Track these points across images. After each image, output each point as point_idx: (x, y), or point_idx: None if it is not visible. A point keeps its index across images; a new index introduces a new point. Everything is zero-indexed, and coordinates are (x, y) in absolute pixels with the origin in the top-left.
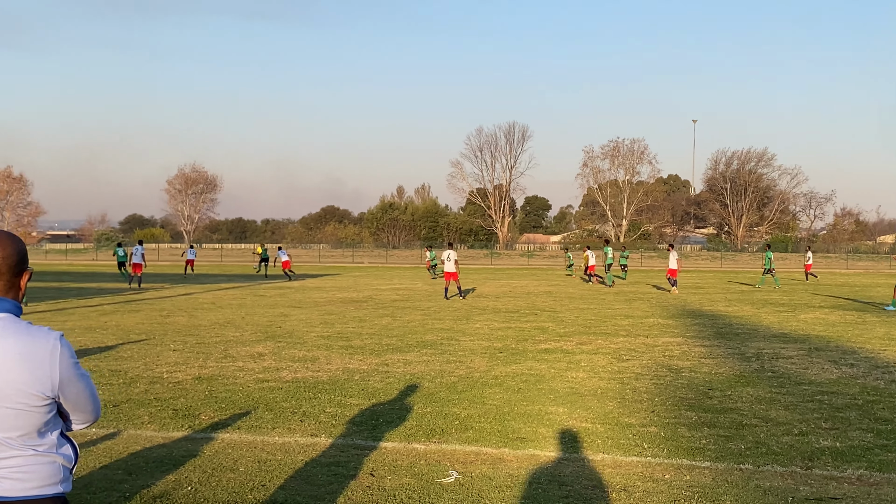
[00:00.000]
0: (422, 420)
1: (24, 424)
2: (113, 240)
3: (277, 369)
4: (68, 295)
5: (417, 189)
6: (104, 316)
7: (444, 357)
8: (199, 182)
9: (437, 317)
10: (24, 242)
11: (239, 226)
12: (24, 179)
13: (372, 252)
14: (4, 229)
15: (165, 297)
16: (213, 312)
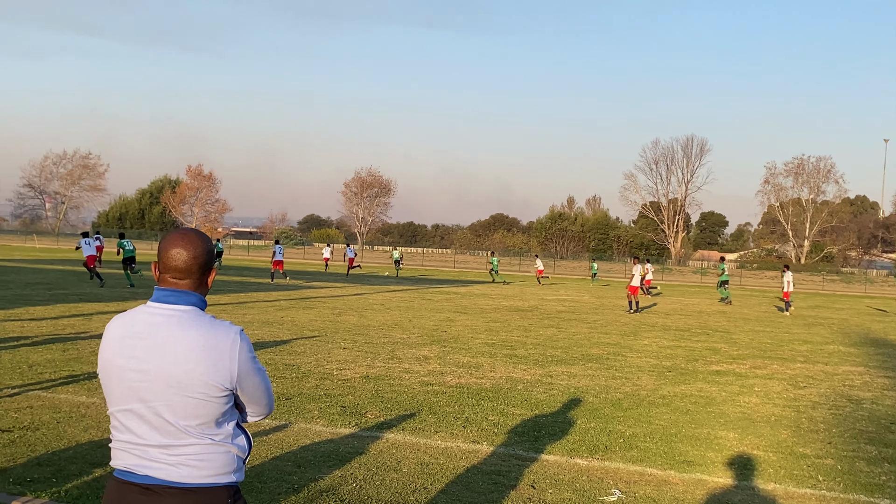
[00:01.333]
0: (585, 435)
1: (203, 413)
2: (292, 238)
3: (442, 373)
4: (248, 289)
5: (588, 200)
6: (280, 311)
7: (609, 372)
8: (374, 185)
9: (603, 331)
10: (211, 241)
11: (410, 230)
12: (213, 177)
13: (591, 265)
14: (193, 226)
15: (338, 297)
16: (381, 314)
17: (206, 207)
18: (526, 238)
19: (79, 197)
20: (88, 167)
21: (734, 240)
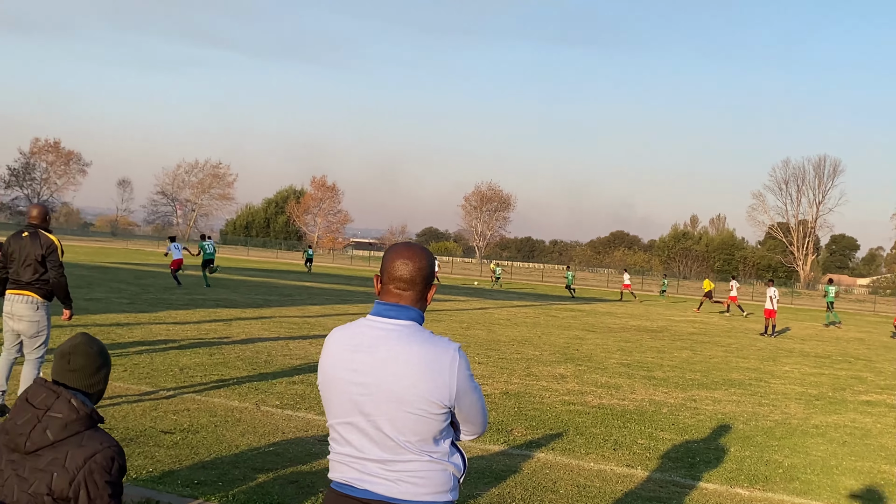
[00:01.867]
0: (741, 464)
1: (422, 430)
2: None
3: (581, 393)
4: (373, 299)
5: (712, 219)
6: None
7: (754, 399)
8: (494, 200)
9: (740, 354)
10: (433, 257)
11: (527, 245)
12: (336, 188)
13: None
14: (315, 237)
15: (462, 310)
16: (509, 329)
17: (328, 218)
18: (647, 256)
19: (208, 205)
20: (218, 176)
21: (865, 264)
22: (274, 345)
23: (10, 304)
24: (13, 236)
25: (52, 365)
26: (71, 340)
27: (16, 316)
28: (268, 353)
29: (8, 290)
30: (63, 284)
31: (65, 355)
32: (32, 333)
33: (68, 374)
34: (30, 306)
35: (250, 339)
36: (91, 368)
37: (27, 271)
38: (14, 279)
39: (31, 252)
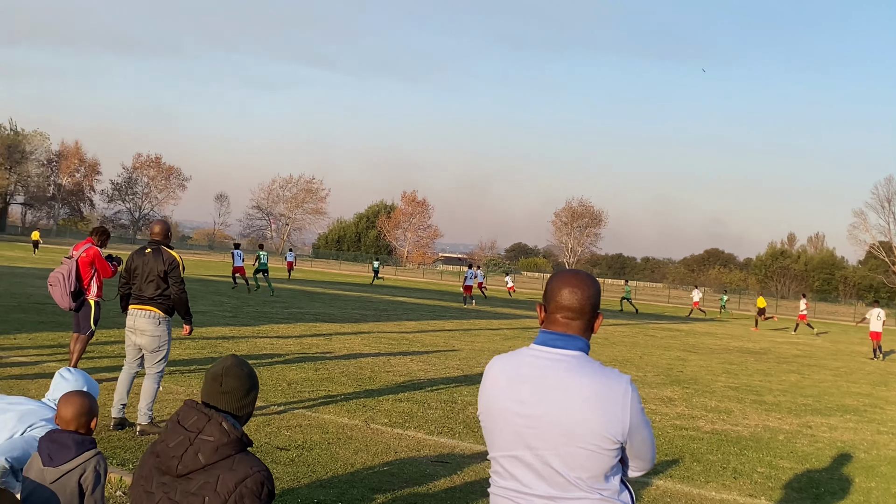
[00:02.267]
0: (868, 495)
1: (592, 466)
2: (500, 266)
3: (692, 417)
4: (469, 315)
5: (811, 238)
6: (507, 341)
7: (872, 426)
8: (585, 216)
9: (849, 379)
10: (599, 284)
11: (618, 262)
12: (426, 203)
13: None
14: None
15: None
16: (608, 348)
17: (418, 233)
18: (744, 275)
19: (301, 219)
20: (311, 191)
21: None
22: (376, 361)
23: (133, 319)
24: (136, 253)
25: (201, 386)
26: (222, 362)
27: (138, 330)
28: (371, 370)
29: (130, 305)
30: (184, 300)
31: (216, 377)
32: (153, 348)
33: (220, 396)
34: (151, 321)
35: (352, 354)
36: (242, 391)
37: (149, 287)
38: (136, 295)
39: (154, 268)
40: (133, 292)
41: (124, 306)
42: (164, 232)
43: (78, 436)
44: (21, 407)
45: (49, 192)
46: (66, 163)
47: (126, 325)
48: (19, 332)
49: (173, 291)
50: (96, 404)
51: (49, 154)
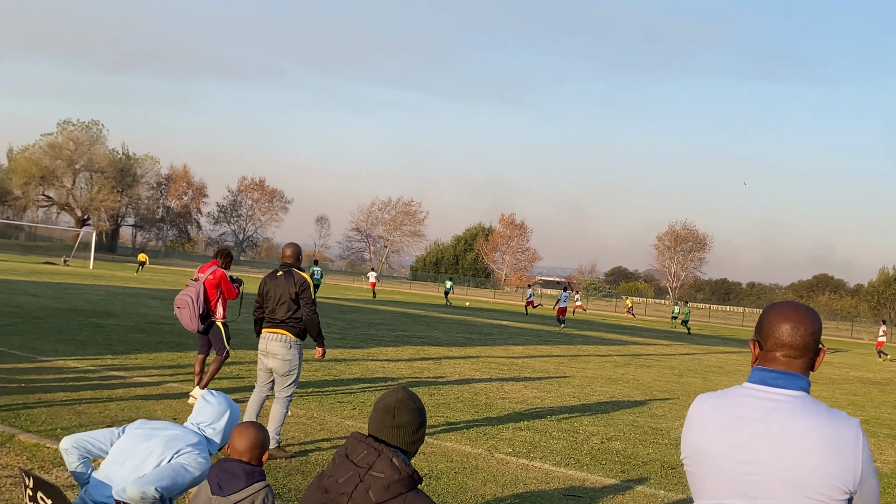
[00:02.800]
0: None
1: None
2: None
3: None
4: (575, 341)
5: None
6: (619, 368)
7: None
8: (689, 240)
9: None
10: (820, 318)
11: (723, 287)
12: (525, 226)
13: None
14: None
15: (669, 355)
16: (723, 377)
17: (516, 256)
18: (855, 301)
19: (399, 241)
20: (410, 213)
21: None
22: (489, 386)
23: (265, 343)
24: (268, 277)
25: (369, 418)
26: (393, 394)
27: (270, 354)
28: (486, 396)
29: (263, 328)
30: (316, 322)
31: (389, 410)
32: (285, 371)
33: (391, 430)
34: (283, 345)
35: (464, 379)
36: (414, 425)
37: (281, 309)
38: (269, 318)
39: (286, 290)
40: (266, 315)
41: (258, 330)
42: (296, 255)
43: (248, 466)
44: (166, 432)
45: (158, 214)
46: (174, 186)
47: (258, 348)
48: (139, 353)
49: (304, 313)
50: (269, 438)
51: (159, 177)
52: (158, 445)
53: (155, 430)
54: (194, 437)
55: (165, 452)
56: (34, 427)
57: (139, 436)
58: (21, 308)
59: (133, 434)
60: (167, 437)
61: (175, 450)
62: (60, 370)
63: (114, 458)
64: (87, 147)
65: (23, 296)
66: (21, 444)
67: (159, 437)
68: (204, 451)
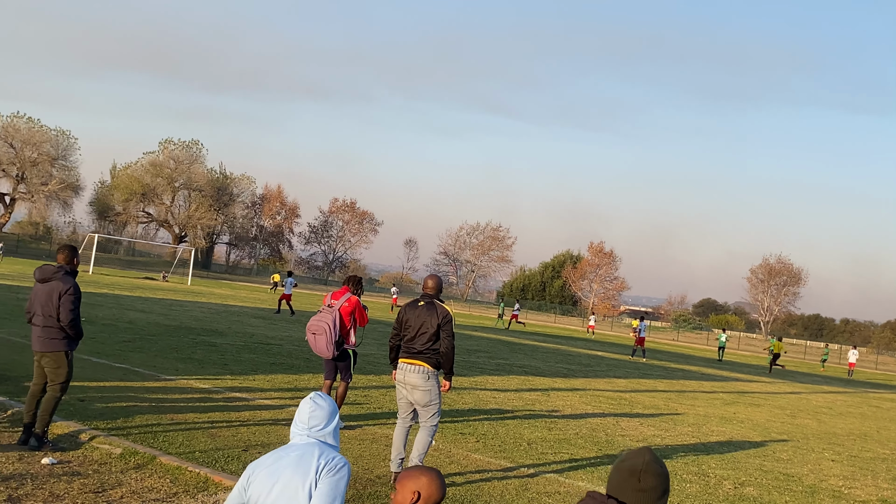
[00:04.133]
0: None
1: None
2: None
3: None
4: (674, 375)
5: None
6: (727, 406)
7: None
8: (783, 273)
9: None
10: None
11: (815, 322)
12: (614, 255)
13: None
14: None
15: (773, 393)
16: (837, 419)
17: (604, 284)
18: None
19: (487, 266)
20: (498, 239)
21: None
22: (604, 422)
23: (403, 373)
24: (408, 306)
25: (610, 477)
26: (639, 456)
27: (408, 384)
28: (605, 432)
29: (400, 358)
30: (452, 356)
31: (634, 473)
32: (426, 402)
33: (636, 493)
34: (422, 376)
35: (578, 414)
36: (659, 491)
37: (420, 340)
38: (406, 348)
39: (428, 321)
40: (403, 345)
41: (393, 358)
42: (438, 286)
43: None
44: (293, 454)
45: (252, 233)
46: (268, 205)
47: (396, 378)
48: (256, 374)
49: (444, 345)
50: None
51: (253, 197)
52: (288, 467)
53: (277, 458)
54: (316, 447)
55: (308, 473)
56: (173, 449)
57: (266, 473)
58: (134, 324)
59: (258, 474)
60: (293, 458)
61: (314, 468)
62: (185, 390)
63: (255, 499)
64: (187, 166)
65: (132, 311)
66: (163, 466)
67: (286, 460)
68: (331, 452)
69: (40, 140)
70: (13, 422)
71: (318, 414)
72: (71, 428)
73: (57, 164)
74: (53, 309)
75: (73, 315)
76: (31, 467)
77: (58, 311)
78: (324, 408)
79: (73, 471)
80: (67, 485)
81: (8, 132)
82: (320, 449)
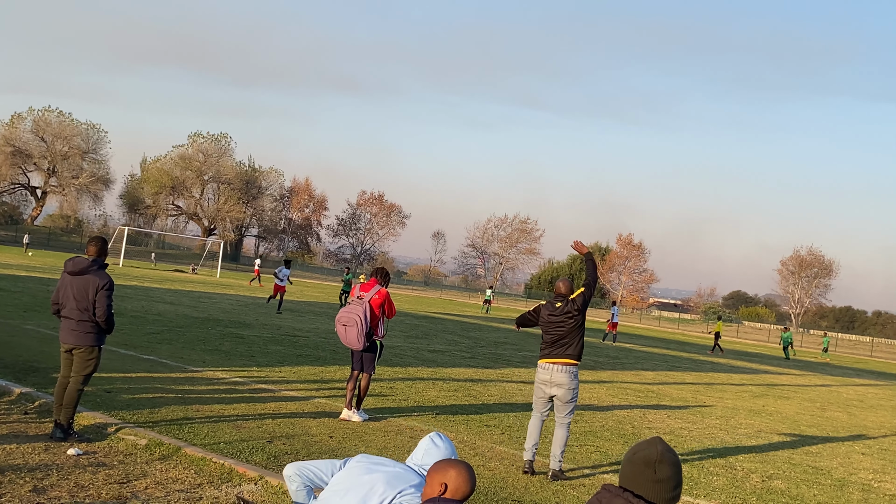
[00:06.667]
0: None
1: None
2: (717, 313)
3: None
4: (704, 368)
5: None
6: (756, 399)
7: None
8: (814, 265)
9: None
10: None
11: (847, 315)
12: (643, 247)
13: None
14: (618, 295)
15: (803, 386)
16: (868, 412)
17: (633, 277)
18: None
19: (514, 259)
20: (526, 231)
21: None
22: (631, 414)
23: (550, 374)
24: (545, 306)
25: (622, 469)
26: (653, 446)
27: (554, 384)
28: (631, 425)
29: (544, 359)
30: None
31: (649, 464)
32: (569, 399)
33: (651, 485)
34: (570, 375)
35: (604, 406)
36: (675, 481)
37: (569, 340)
38: (553, 347)
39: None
40: (543, 346)
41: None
42: (570, 288)
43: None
44: (388, 469)
45: (280, 226)
46: (296, 198)
47: (538, 378)
48: (282, 366)
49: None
50: None
51: (282, 190)
52: (380, 482)
53: (376, 465)
54: (416, 477)
55: (388, 491)
56: (198, 440)
57: (361, 469)
58: (162, 316)
59: (355, 466)
60: (389, 473)
61: (398, 490)
62: (211, 381)
63: (334, 488)
64: (216, 159)
65: (161, 303)
66: (188, 457)
67: (381, 473)
68: (421, 487)
69: (71, 134)
70: (41, 413)
71: (434, 453)
72: (97, 419)
73: (87, 158)
74: (89, 303)
75: (110, 311)
76: (56, 458)
77: (93, 305)
78: (441, 449)
79: (99, 461)
80: (92, 475)
81: (39, 126)
82: (418, 481)
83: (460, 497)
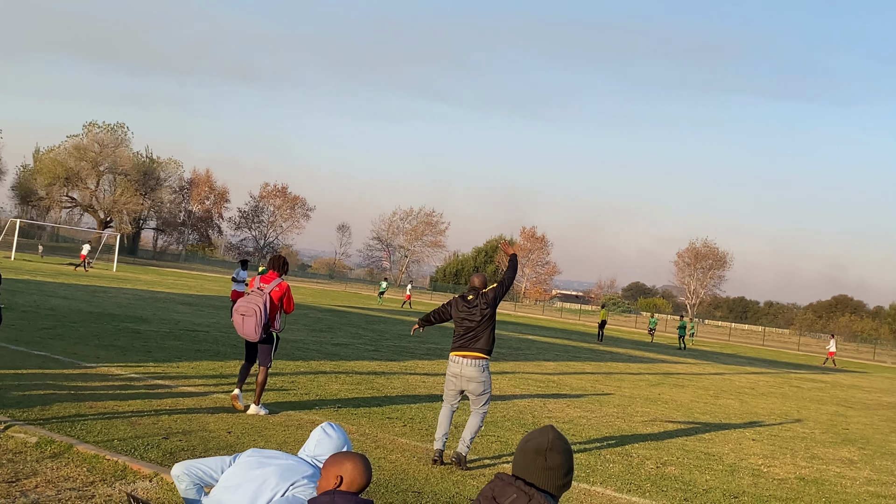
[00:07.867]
0: None
1: None
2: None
3: (884, 483)
4: (603, 357)
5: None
6: (653, 387)
7: None
8: (709, 257)
9: None
10: None
11: (740, 305)
12: (545, 240)
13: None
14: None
15: (698, 374)
16: (759, 400)
17: (536, 269)
18: (876, 324)
19: (420, 251)
20: (431, 224)
21: None
22: (531, 404)
23: (460, 367)
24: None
25: (515, 458)
26: (543, 434)
27: (463, 377)
28: (531, 414)
29: (455, 352)
30: None
31: (540, 452)
32: (480, 392)
33: (542, 472)
34: (478, 368)
35: (505, 396)
36: (565, 468)
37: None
38: (463, 341)
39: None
40: (455, 339)
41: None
42: (484, 282)
43: (362, 500)
44: (280, 462)
45: (179, 218)
46: (196, 190)
47: (449, 371)
48: (180, 361)
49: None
50: None
51: (181, 181)
52: (273, 475)
53: (268, 458)
54: (309, 468)
55: (281, 484)
56: (91, 437)
57: (251, 463)
58: (56, 311)
59: (245, 462)
60: (281, 466)
61: (290, 482)
62: (105, 377)
63: (225, 485)
64: (112, 149)
65: (54, 298)
66: (80, 454)
67: (273, 466)
68: (315, 478)
69: None
70: None
71: (326, 443)
72: None
73: None
74: None
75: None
76: None
77: None
78: (333, 439)
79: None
80: None
81: None
82: (312, 471)
83: (356, 489)
